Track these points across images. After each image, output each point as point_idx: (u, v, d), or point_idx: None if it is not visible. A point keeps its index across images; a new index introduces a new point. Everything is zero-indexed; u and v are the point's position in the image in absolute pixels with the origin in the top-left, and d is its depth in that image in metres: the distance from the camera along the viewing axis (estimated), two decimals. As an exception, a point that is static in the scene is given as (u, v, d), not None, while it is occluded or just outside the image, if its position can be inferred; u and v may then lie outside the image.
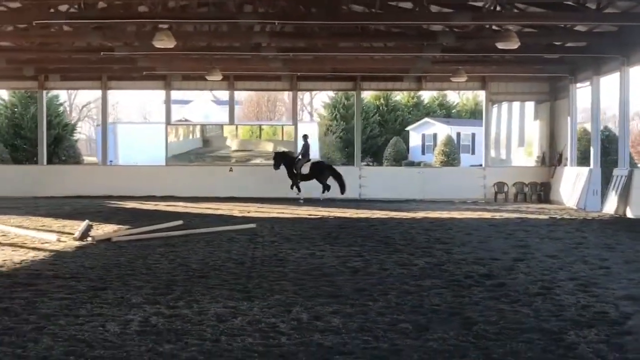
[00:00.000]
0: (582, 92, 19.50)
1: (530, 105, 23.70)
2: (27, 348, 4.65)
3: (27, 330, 5.14)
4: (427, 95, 49.66)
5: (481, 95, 51.88)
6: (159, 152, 30.99)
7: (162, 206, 17.88)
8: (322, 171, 19.85)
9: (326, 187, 19.65)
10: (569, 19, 14.87)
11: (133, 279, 7.29)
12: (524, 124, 25.28)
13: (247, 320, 5.44)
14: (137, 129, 38.22)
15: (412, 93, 45.87)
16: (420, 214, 15.56)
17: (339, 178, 19.67)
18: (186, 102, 61.37)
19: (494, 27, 15.74)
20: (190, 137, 23.24)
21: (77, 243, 10.36)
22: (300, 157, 19.96)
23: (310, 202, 19.20)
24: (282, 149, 21.16)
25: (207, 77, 18.92)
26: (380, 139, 44.79)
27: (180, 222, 13.13)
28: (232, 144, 22.29)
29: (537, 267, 8.16)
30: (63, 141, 36.95)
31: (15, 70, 20.27)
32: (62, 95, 37.58)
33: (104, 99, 22.12)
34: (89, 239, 10.77)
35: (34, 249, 9.73)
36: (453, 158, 38.87)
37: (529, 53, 17.02)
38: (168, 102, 22.36)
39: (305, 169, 19.74)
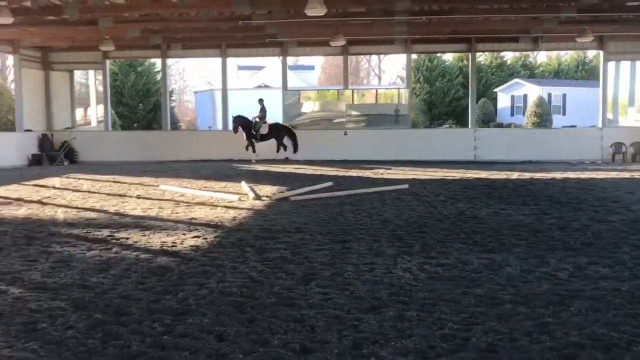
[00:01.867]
0: None
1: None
2: (353, 290, 5.23)
3: (330, 274, 5.72)
4: (509, 56, 48.86)
5: (564, 55, 50.90)
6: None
7: (290, 169, 18.52)
8: (279, 131, 21.18)
9: (283, 146, 21.08)
10: None
11: (359, 233, 7.83)
12: (635, 84, 24.82)
13: (526, 269, 5.89)
14: (233, 96, 38.93)
15: (495, 54, 45.29)
16: (556, 175, 15.70)
17: (294, 138, 20.99)
18: (259, 68, 62.03)
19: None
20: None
21: (259, 202, 11.04)
22: (258, 119, 21.25)
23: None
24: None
25: (331, 43, 19.28)
26: (464, 100, 44.40)
27: (330, 183, 13.72)
28: (344, 107, 22.70)
29: None
30: (162, 108, 38.24)
31: (140, 40, 21.07)
32: (159, 63, 38.66)
33: (224, 66, 22.82)
34: (264, 198, 11.45)
35: (230, 208, 10.42)
36: (545, 119, 38.34)
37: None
38: (284, 68, 22.90)
39: (264, 130, 21.15)
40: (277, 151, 21.14)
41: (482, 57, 47.86)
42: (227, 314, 4.61)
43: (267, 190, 12.86)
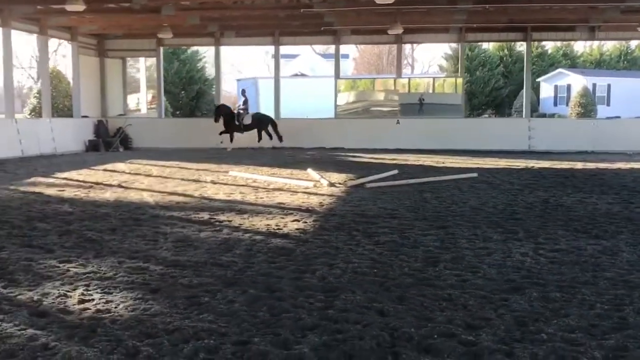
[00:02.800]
0: None
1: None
2: (483, 273, 5.37)
3: (451, 258, 5.88)
4: (550, 45, 48.34)
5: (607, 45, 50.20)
6: (301, 106, 32.02)
7: (348, 156, 18.67)
8: (261, 122, 21.50)
9: (268, 135, 21.38)
10: None
11: (454, 219, 7.95)
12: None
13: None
14: (269, 85, 39.18)
15: (536, 43, 44.82)
16: (620, 165, 15.65)
17: (276, 128, 21.26)
18: (294, 56, 62.13)
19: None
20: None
21: (335, 189, 11.20)
22: (242, 110, 21.58)
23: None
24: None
25: (389, 31, 19.36)
26: (504, 90, 44.12)
27: (395, 171, 13.84)
28: (398, 96, 22.74)
29: None
30: (204, 95, 38.67)
31: (195, 28, 21.33)
32: (201, 51, 39.03)
33: (277, 54, 23.01)
34: (338, 185, 11.61)
35: (310, 194, 10.61)
36: (590, 110, 37.92)
37: None
38: (337, 56, 23.00)
39: (247, 120, 21.42)
40: (259, 141, 21.34)
41: (523, 47, 47.46)
42: (374, 291, 4.78)
43: (336, 177, 13.00)
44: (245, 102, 21.89)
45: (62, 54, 49.59)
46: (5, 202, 9.48)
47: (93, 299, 4.60)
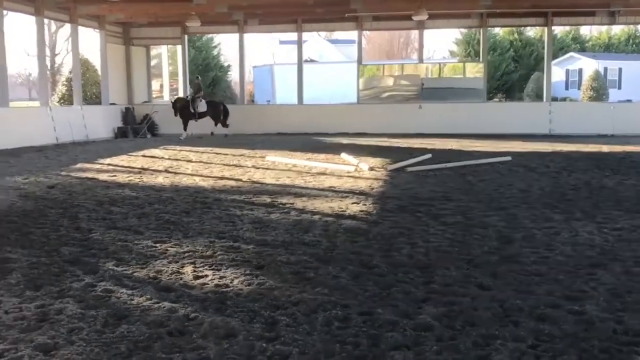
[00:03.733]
0: None
1: None
2: (560, 250, 5.69)
3: (522, 237, 6.20)
4: (559, 30, 48.30)
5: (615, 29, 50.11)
6: (316, 92, 32.20)
7: (373, 142, 18.95)
8: (216, 108, 21.21)
9: (223, 123, 21.16)
10: None
11: (508, 201, 8.26)
12: None
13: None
14: (292, 70, 39.37)
15: (544, 28, 44.83)
16: (647, 148, 15.95)
17: (226, 114, 21.23)
18: (302, 42, 62.29)
19: None
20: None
21: (376, 172, 11.51)
22: (196, 97, 21.05)
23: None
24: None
25: (414, 17, 19.57)
26: (515, 74, 44.24)
27: (429, 155, 14.13)
28: (423, 82, 22.97)
29: None
30: (220, 82, 38.91)
31: (219, 16, 21.53)
32: (216, 39, 39.21)
33: (300, 41, 23.26)
34: (377, 169, 11.93)
35: (355, 178, 10.92)
36: (602, 93, 38.07)
37: None
38: (360, 42, 23.23)
39: (202, 108, 20.92)
40: (215, 125, 21.20)
41: (532, 32, 47.49)
42: (465, 268, 5.10)
43: (372, 161, 13.27)
44: (199, 90, 21.56)
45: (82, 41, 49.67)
46: (67, 188, 9.82)
47: (207, 275, 4.93)
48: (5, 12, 17.29)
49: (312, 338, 3.66)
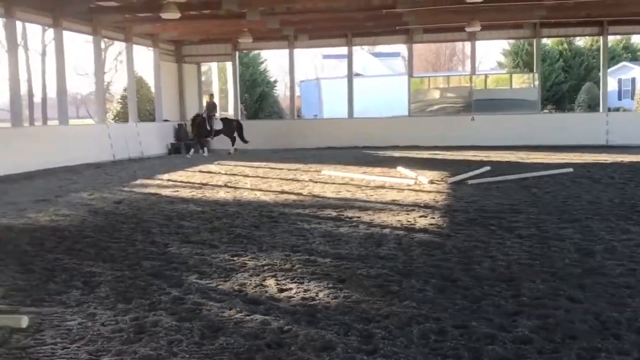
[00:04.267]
0: None
1: None
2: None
3: (602, 249, 6.06)
4: (610, 39, 47.40)
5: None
6: (363, 105, 32.20)
7: (426, 154, 18.84)
8: (230, 125, 21.16)
9: (241, 139, 21.08)
10: None
11: (579, 213, 8.09)
12: None
13: None
14: (338, 84, 39.49)
15: (595, 38, 44.03)
16: None
17: (241, 131, 21.23)
18: (344, 56, 62.53)
19: None
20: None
21: (436, 186, 11.42)
22: (209, 114, 20.80)
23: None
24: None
25: (467, 29, 19.48)
26: (565, 85, 43.54)
27: (488, 167, 13.97)
28: (475, 93, 22.78)
29: None
30: (267, 98, 39.27)
31: (269, 32, 21.73)
32: (263, 54, 39.63)
33: (350, 55, 23.35)
34: (437, 182, 11.83)
35: (416, 191, 10.85)
36: (656, 103, 37.17)
37: None
38: (410, 56, 23.21)
39: (218, 125, 20.91)
40: (233, 144, 21.19)
41: (582, 41, 46.72)
42: (551, 281, 5.01)
43: (429, 174, 13.19)
44: (214, 108, 21.41)
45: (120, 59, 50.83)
46: (133, 203, 10.00)
47: (291, 288, 4.95)
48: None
49: (411, 351, 3.64)
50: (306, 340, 3.81)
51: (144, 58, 23.41)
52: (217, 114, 21.49)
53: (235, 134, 21.28)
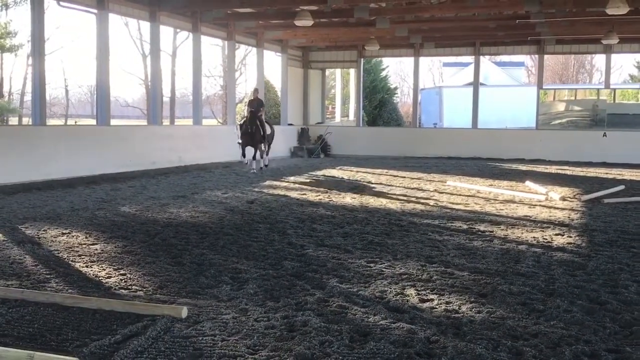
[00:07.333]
0: None
1: None
2: None
3: None
4: None
5: None
6: (486, 116, 31.54)
7: (554, 169, 18.22)
8: (272, 130, 17.03)
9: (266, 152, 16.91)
10: None
11: None
12: None
13: None
14: (460, 93, 38.94)
15: None
16: None
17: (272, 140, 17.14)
18: (465, 64, 61.29)
19: None
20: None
21: (569, 203, 11.03)
22: (256, 114, 16.14)
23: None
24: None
25: (603, 41, 18.70)
26: None
27: (622, 186, 13.32)
28: (607, 107, 21.81)
29: None
30: (387, 105, 39.30)
31: (398, 39, 21.76)
32: (385, 61, 39.72)
33: (477, 64, 23.01)
34: (569, 199, 11.42)
35: (548, 207, 10.54)
36: None
37: None
38: (541, 67, 22.56)
39: (268, 130, 16.68)
40: (267, 154, 17.36)
41: None
42: None
43: (560, 190, 12.78)
44: (261, 105, 16.89)
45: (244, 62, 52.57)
46: (265, 204, 10.37)
47: (432, 299, 4.98)
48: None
49: (565, 373, 3.58)
50: (455, 352, 3.83)
51: (272, 62, 24.05)
52: (263, 115, 16.80)
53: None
